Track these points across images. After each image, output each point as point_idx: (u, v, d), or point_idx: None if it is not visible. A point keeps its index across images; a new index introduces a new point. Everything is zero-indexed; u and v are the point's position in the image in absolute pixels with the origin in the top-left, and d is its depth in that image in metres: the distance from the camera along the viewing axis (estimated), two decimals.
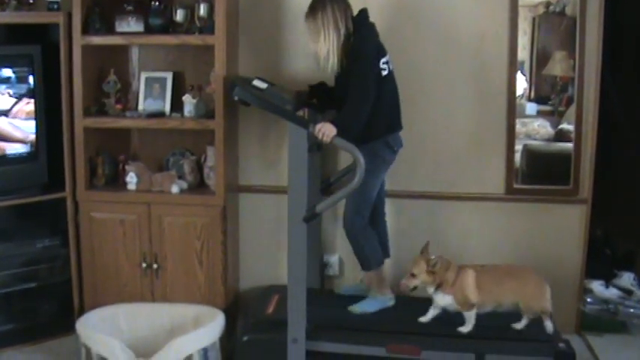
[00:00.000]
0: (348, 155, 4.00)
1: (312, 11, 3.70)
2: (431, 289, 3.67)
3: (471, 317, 3.63)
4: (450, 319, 3.68)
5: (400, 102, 3.85)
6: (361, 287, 4.08)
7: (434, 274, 3.63)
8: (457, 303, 3.63)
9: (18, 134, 4.06)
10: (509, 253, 4.22)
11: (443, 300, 3.66)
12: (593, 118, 4.12)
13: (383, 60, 3.72)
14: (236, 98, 3.71)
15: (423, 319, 3.72)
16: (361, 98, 3.60)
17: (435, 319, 3.71)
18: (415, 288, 3.68)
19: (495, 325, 3.64)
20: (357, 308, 3.89)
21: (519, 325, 3.65)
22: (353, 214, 3.83)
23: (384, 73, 3.72)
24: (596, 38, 4.05)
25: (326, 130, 3.49)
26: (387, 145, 3.80)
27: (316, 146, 3.93)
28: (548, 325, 3.61)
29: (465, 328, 3.63)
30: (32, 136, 4.07)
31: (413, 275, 3.67)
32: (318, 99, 3.99)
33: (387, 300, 3.91)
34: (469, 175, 4.24)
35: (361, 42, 3.67)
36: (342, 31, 3.66)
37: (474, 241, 4.27)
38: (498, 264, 3.84)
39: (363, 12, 3.76)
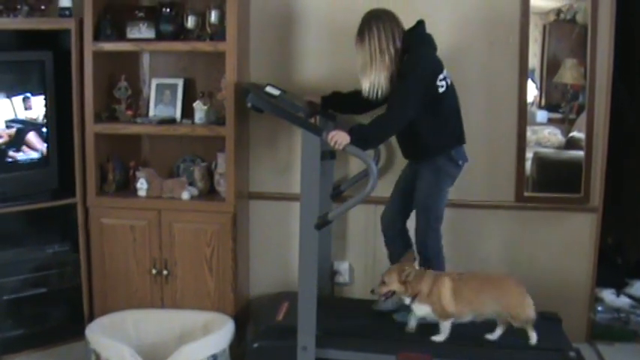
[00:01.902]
0: (358, 162, 4.02)
1: (360, 35, 3.64)
2: (407, 300, 3.65)
3: (446, 327, 3.61)
4: (461, 327, 3.66)
5: (462, 115, 3.81)
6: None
7: (406, 284, 3.60)
8: (435, 313, 3.60)
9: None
10: (519, 261, 4.22)
11: (420, 310, 3.64)
12: (604, 126, 4.11)
13: (440, 77, 3.64)
14: (249, 105, 3.70)
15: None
16: (395, 116, 3.56)
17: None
18: (389, 296, 3.66)
19: (507, 334, 3.63)
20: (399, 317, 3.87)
21: (493, 336, 3.62)
22: (426, 229, 3.79)
23: (442, 89, 3.64)
24: (608, 46, 4.04)
25: (339, 138, 3.45)
26: (450, 159, 3.75)
27: (329, 154, 3.92)
28: (533, 336, 3.57)
29: (438, 338, 3.61)
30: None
31: (383, 283, 3.66)
32: (334, 108, 3.98)
33: None
34: (480, 183, 4.23)
35: (415, 61, 3.59)
36: (391, 52, 3.60)
37: (484, 249, 4.26)
38: (477, 272, 3.80)
39: (420, 25, 3.69)
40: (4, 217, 3.94)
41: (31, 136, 4.06)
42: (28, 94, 4.01)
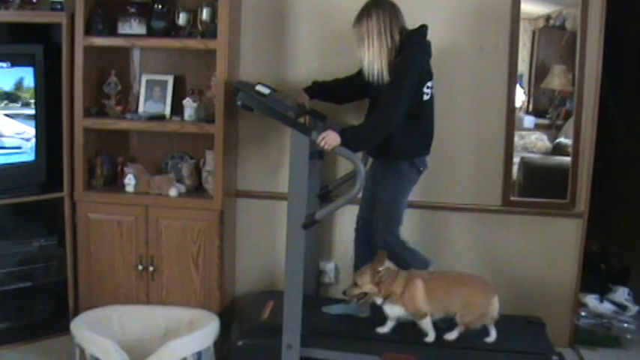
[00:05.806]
0: (347, 163, 4.02)
1: (359, 18, 3.64)
2: (379, 300, 3.67)
3: (427, 326, 3.63)
4: (444, 328, 3.68)
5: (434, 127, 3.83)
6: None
7: (379, 285, 3.62)
8: (410, 314, 3.63)
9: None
10: (504, 265, 4.24)
11: (392, 311, 3.66)
12: (592, 133, 4.13)
13: (427, 84, 3.67)
14: (239, 103, 3.69)
15: (382, 329, 3.70)
16: (386, 120, 3.57)
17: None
18: (362, 297, 3.67)
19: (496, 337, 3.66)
20: None
21: (451, 336, 3.63)
22: (384, 234, 3.81)
23: (426, 97, 3.67)
24: (597, 53, 4.06)
25: (329, 139, 3.47)
26: (412, 165, 3.78)
27: (317, 154, 3.93)
28: (493, 333, 3.63)
29: (429, 338, 3.64)
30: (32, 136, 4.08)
31: (356, 285, 3.67)
32: (319, 98, 3.98)
33: None
34: (466, 186, 4.25)
35: (407, 63, 3.60)
36: (387, 40, 3.61)
37: (469, 252, 4.28)
38: (447, 271, 3.84)
39: (422, 29, 3.71)
40: None
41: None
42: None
